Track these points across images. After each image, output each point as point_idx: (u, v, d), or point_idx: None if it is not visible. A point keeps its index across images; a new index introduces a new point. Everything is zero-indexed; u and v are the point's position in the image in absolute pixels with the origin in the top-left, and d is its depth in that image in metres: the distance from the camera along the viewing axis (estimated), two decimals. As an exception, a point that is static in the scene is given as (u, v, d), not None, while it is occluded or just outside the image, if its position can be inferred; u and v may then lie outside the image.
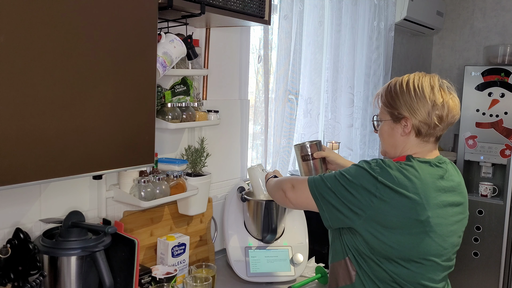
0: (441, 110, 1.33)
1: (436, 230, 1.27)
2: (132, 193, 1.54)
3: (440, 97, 1.33)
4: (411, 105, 1.33)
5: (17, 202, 1.35)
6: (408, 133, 1.36)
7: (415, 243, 1.26)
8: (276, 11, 2.24)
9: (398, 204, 1.24)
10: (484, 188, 3.37)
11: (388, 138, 1.42)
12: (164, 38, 1.49)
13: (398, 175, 1.26)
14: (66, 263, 1.27)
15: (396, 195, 1.24)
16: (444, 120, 1.34)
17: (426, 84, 1.34)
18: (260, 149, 2.25)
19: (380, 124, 1.44)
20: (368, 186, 1.26)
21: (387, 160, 1.32)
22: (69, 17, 1.03)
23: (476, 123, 3.38)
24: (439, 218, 1.28)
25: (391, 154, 1.43)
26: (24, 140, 0.99)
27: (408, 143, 1.37)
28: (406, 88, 1.35)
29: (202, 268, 1.66)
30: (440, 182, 1.32)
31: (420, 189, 1.26)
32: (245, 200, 1.88)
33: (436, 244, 1.28)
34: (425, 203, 1.25)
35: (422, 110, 1.32)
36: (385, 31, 3.09)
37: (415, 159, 1.33)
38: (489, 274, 3.33)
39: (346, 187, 1.29)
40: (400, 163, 1.31)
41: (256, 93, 2.20)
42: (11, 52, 0.94)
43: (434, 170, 1.33)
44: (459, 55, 4.00)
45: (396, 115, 1.37)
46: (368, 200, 1.25)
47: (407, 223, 1.25)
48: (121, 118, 1.18)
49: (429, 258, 1.29)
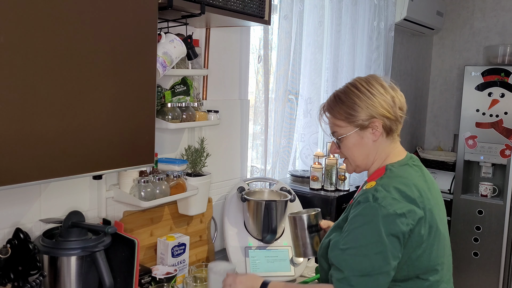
0: (399, 101, 1.33)
1: (441, 229, 1.29)
2: (132, 193, 1.54)
3: (391, 90, 1.33)
4: (374, 105, 1.30)
5: (17, 202, 1.35)
6: (379, 135, 1.32)
7: (436, 245, 1.27)
8: (276, 11, 2.24)
9: (419, 221, 1.22)
10: (484, 188, 3.37)
11: (358, 150, 1.35)
12: (164, 38, 1.49)
13: (399, 202, 1.22)
14: (66, 263, 1.27)
15: (415, 215, 1.22)
16: (403, 110, 1.34)
17: (374, 83, 1.33)
18: (260, 149, 2.25)
19: (344, 139, 1.35)
20: (392, 230, 1.19)
21: (378, 192, 1.23)
22: (69, 17, 1.03)
23: (476, 123, 3.38)
24: (439, 215, 1.30)
25: (362, 166, 1.38)
26: (24, 140, 0.99)
27: (379, 147, 1.34)
28: (359, 91, 1.32)
29: (202, 268, 1.66)
30: (422, 178, 1.33)
31: (422, 197, 1.25)
32: (245, 200, 1.88)
33: (442, 247, 1.30)
34: (429, 207, 1.26)
35: (386, 106, 1.30)
36: (385, 31, 3.09)
37: (394, 167, 1.31)
38: (489, 274, 3.33)
39: (382, 253, 1.18)
40: (382, 186, 1.25)
41: (256, 93, 2.20)
42: (11, 52, 0.94)
43: (415, 171, 1.34)
44: (459, 55, 4.00)
45: (361, 122, 1.31)
46: (402, 239, 1.20)
47: (429, 233, 1.24)
48: (121, 118, 1.18)
49: (442, 261, 1.29)
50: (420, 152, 3.98)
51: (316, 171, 2.25)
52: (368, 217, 1.20)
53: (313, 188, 2.25)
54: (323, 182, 2.26)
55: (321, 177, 2.25)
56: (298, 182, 2.36)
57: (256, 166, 2.28)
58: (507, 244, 3.23)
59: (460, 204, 3.44)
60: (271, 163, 2.31)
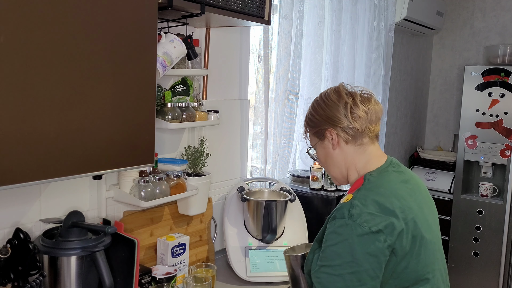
0: (355, 107, 1.29)
1: (426, 236, 1.23)
2: (132, 193, 1.54)
3: (350, 97, 1.30)
4: (326, 115, 1.31)
5: (17, 202, 1.35)
6: (337, 143, 1.31)
7: (418, 259, 1.21)
8: (276, 11, 2.24)
9: (398, 235, 1.17)
10: (484, 188, 3.37)
11: (325, 161, 1.36)
12: (164, 38, 1.49)
13: (376, 216, 1.17)
14: (66, 263, 1.27)
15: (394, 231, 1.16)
16: (362, 117, 1.29)
17: (331, 92, 1.33)
18: (260, 149, 2.25)
19: (316, 152, 1.38)
20: (368, 249, 1.14)
21: (354, 208, 1.18)
22: (69, 17, 1.03)
23: (476, 123, 3.38)
24: (423, 223, 1.24)
25: (339, 177, 1.36)
26: (24, 140, 0.99)
27: (347, 155, 1.32)
28: (316, 104, 1.35)
29: (202, 268, 1.66)
30: (404, 184, 1.28)
31: (399, 207, 1.20)
32: (245, 200, 1.88)
33: (430, 253, 1.24)
34: (412, 216, 1.20)
35: (337, 115, 1.29)
36: (385, 31, 3.09)
37: (373, 175, 1.27)
38: (489, 274, 3.33)
39: (358, 272, 1.14)
40: (359, 200, 1.20)
41: (256, 93, 2.20)
42: (11, 52, 0.94)
43: (395, 177, 1.29)
44: (459, 55, 4.00)
45: (319, 132, 1.33)
46: (382, 258, 1.15)
47: (412, 244, 1.19)
48: (121, 118, 1.18)
49: (432, 269, 1.25)
50: (420, 152, 3.98)
51: (316, 171, 2.25)
52: (343, 236, 1.16)
53: (313, 188, 2.25)
54: (323, 182, 2.26)
55: (321, 177, 2.25)
56: (298, 182, 2.36)
57: (256, 166, 2.28)
58: (507, 244, 3.23)
59: (460, 204, 3.44)
60: (271, 163, 2.31)
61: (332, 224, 1.20)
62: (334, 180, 1.41)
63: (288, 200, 1.93)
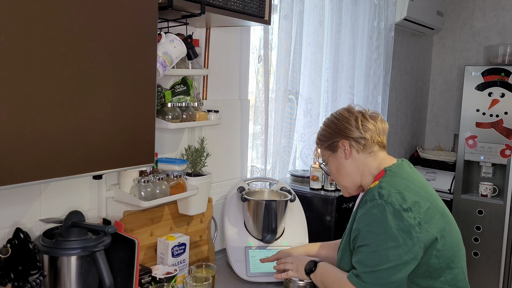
0: (364, 120, 1.44)
1: (448, 215, 1.38)
2: (132, 193, 1.54)
3: (359, 113, 1.46)
4: (338, 128, 1.45)
5: (17, 202, 1.35)
6: (349, 153, 1.44)
7: (453, 235, 1.34)
8: (276, 11, 2.24)
9: (426, 212, 1.29)
10: (484, 188, 3.37)
11: (340, 173, 1.47)
12: (164, 38, 1.49)
13: (405, 195, 1.29)
14: (66, 263, 1.27)
15: (420, 209, 1.29)
16: (371, 129, 1.43)
17: (342, 110, 1.49)
18: (260, 149, 2.25)
19: (327, 164, 1.51)
20: (401, 225, 1.25)
21: (383, 189, 1.31)
22: (69, 17, 1.03)
23: (476, 123, 3.38)
24: (441, 205, 1.39)
25: (351, 186, 1.48)
26: (24, 140, 0.99)
27: (359, 163, 1.44)
28: (328, 121, 1.51)
29: (202, 268, 1.66)
30: (422, 177, 1.45)
31: (420, 189, 1.34)
32: (245, 200, 1.88)
33: (455, 230, 1.39)
34: (429, 197, 1.34)
35: (349, 127, 1.43)
36: (385, 31, 3.09)
37: (392, 168, 1.40)
38: (489, 274, 3.33)
39: (393, 247, 1.24)
40: (386, 183, 1.33)
41: (256, 93, 2.20)
42: (11, 52, 0.94)
43: (411, 169, 1.45)
44: (459, 55, 4.00)
45: (331, 144, 1.46)
46: (414, 233, 1.25)
47: (438, 224, 1.31)
48: (121, 118, 1.18)
49: (461, 243, 1.39)
50: (420, 152, 3.98)
51: (316, 171, 2.25)
52: (376, 216, 1.27)
53: (313, 188, 2.25)
54: (323, 182, 2.26)
55: (321, 177, 2.25)
56: (298, 182, 2.36)
57: (256, 166, 2.28)
58: (507, 244, 3.23)
59: (460, 204, 3.44)
60: (271, 163, 2.31)
61: (364, 207, 1.32)
62: (344, 190, 1.52)
63: (288, 200, 1.93)
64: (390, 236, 1.24)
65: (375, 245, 1.26)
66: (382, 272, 1.24)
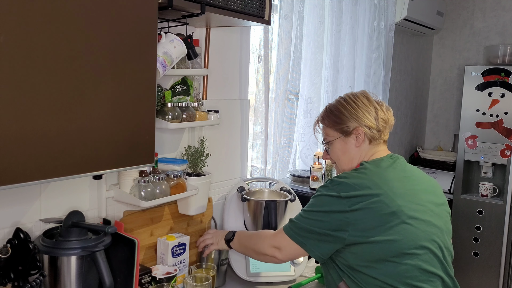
0: (382, 113, 1.46)
1: (415, 215, 1.32)
2: (132, 193, 1.54)
3: (377, 104, 1.48)
4: (357, 115, 1.45)
5: (17, 202, 1.35)
6: (361, 142, 1.45)
7: (400, 234, 1.28)
8: (276, 11, 2.24)
9: (369, 205, 1.29)
10: (484, 188, 3.36)
11: (343, 155, 1.50)
12: (164, 38, 1.49)
13: (356, 181, 1.33)
14: (66, 263, 1.27)
15: (363, 199, 1.30)
16: (387, 122, 1.47)
17: (361, 96, 1.49)
18: (260, 149, 2.25)
19: (331, 144, 1.51)
20: (336, 207, 1.32)
21: (342, 173, 1.40)
22: (69, 17, 1.03)
23: (476, 123, 3.38)
24: (412, 204, 1.33)
25: (348, 169, 1.50)
26: (24, 140, 0.99)
27: (362, 152, 1.47)
28: (346, 103, 1.48)
29: (202, 268, 1.66)
30: (398, 172, 1.41)
31: (381, 183, 1.33)
32: (245, 200, 1.88)
33: (420, 231, 1.31)
34: (391, 194, 1.31)
35: (369, 116, 1.44)
36: (385, 31, 3.09)
37: (368, 162, 1.43)
38: (489, 274, 3.33)
39: (319, 219, 1.35)
40: (355, 169, 1.43)
41: (256, 93, 2.20)
42: (11, 52, 0.94)
43: (388, 162, 1.43)
44: (459, 55, 4.00)
45: (345, 129, 1.47)
46: (344, 218, 1.31)
47: (383, 219, 1.29)
48: (121, 118, 1.18)
49: (421, 245, 1.30)
50: (420, 152, 3.98)
51: (316, 171, 2.25)
52: (319, 192, 1.39)
53: (313, 188, 2.25)
54: (323, 182, 2.26)
55: (321, 177, 2.25)
56: (298, 182, 2.36)
57: (256, 166, 2.28)
58: (507, 244, 3.23)
59: (460, 204, 3.44)
60: (271, 163, 2.31)
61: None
62: (340, 170, 1.55)
63: (288, 200, 1.93)
64: (319, 212, 1.35)
65: (307, 213, 1.39)
66: (306, 234, 1.37)
